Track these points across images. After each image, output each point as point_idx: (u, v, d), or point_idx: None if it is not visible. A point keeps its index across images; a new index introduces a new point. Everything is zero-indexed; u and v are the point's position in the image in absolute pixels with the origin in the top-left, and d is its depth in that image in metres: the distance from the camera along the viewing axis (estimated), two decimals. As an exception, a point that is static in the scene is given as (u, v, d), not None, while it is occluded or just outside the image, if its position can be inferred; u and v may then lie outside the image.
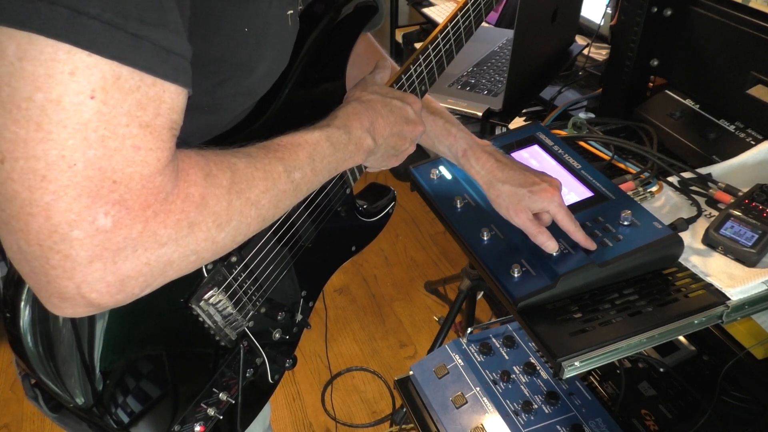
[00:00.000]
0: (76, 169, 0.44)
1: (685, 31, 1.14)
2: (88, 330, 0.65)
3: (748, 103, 1.05)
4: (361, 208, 0.99)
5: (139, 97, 0.46)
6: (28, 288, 0.60)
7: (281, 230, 0.83)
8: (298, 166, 0.65)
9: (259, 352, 0.84)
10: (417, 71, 0.89)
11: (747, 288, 0.80)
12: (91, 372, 0.66)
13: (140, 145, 0.46)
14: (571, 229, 0.84)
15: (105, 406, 0.68)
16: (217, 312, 0.75)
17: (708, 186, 0.96)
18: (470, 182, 0.97)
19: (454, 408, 1.10)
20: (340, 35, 0.83)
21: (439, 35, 0.89)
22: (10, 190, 0.44)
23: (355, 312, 2.35)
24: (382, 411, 2.00)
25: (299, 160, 0.65)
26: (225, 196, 0.55)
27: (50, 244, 0.45)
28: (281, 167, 0.63)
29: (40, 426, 1.98)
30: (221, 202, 0.54)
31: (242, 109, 0.74)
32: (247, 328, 0.81)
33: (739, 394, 1.11)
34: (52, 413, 0.69)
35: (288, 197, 0.64)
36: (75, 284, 0.47)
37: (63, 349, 0.64)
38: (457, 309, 1.82)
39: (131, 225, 0.47)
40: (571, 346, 0.74)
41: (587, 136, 1.11)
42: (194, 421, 0.76)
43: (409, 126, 0.82)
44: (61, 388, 0.65)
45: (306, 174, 0.66)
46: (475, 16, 0.93)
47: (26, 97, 0.43)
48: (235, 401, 0.81)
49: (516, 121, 1.43)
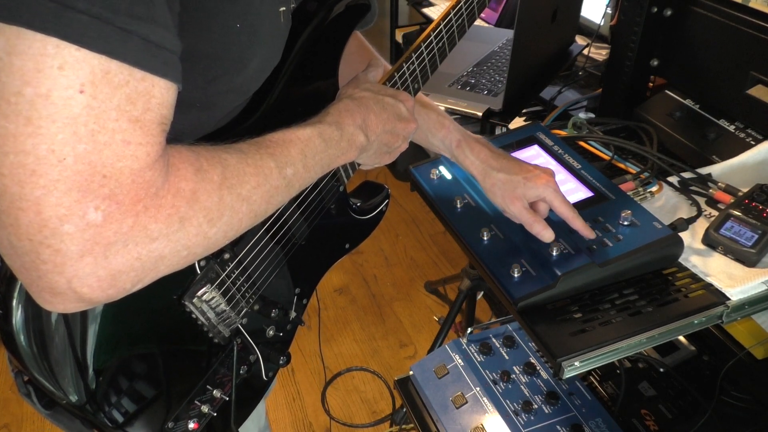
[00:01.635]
0: (65, 163, 0.44)
1: (685, 31, 1.14)
2: (81, 327, 0.65)
3: (748, 103, 1.05)
4: (355, 206, 0.99)
5: (129, 92, 0.46)
6: (20, 284, 0.60)
7: (274, 227, 0.83)
8: (290, 162, 0.65)
9: (252, 350, 0.84)
10: (410, 69, 0.89)
11: (747, 288, 0.80)
12: (84, 369, 0.66)
13: (130, 140, 0.46)
14: (569, 216, 0.84)
15: (98, 403, 0.68)
16: (210, 309, 0.75)
17: (708, 186, 0.96)
18: (470, 182, 0.97)
19: (454, 408, 1.10)
20: (333, 33, 0.84)
21: (431, 33, 0.89)
22: (0, 186, 0.44)
23: (355, 312, 2.35)
24: (382, 411, 2.00)
25: (291, 156, 0.65)
26: (216, 191, 0.55)
27: (40, 238, 0.45)
28: (273, 163, 0.63)
29: (40, 426, 1.98)
30: (212, 197, 0.54)
31: (234, 105, 0.74)
32: (240, 326, 0.81)
33: (739, 394, 1.11)
34: (45, 410, 0.69)
35: (280, 193, 0.64)
36: (66, 279, 0.47)
37: (56, 346, 0.64)
38: (457, 309, 1.82)
39: (122, 219, 0.47)
40: (571, 346, 0.74)
41: (587, 136, 1.11)
42: (188, 419, 0.76)
43: (402, 123, 0.82)
44: (54, 385, 0.65)
45: (298, 170, 0.66)
46: (468, 15, 0.93)
47: (15, 91, 0.43)
48: (228, 398, 0.81)
49: (516, 121, 1.43)
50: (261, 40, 0.68)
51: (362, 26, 0.93)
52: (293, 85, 0.80)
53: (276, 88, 0.77)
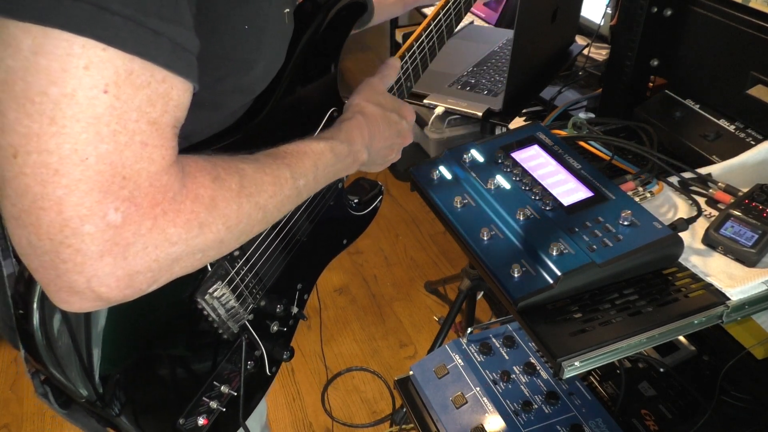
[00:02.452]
0: (88, 163, 0.44)
1: (685, 31, 1.14)
2: (96, 325, 0.66)
3: (748, 103, 1.05)
4: (352, 203, 1.02)
5: (150, 93, 0.47)
6: (39, 285, 0.61)
7: (280, 225, 0.85)
8: (303, 174, 0.67)
9: (258, 345, 0.86)
10: (403, 68, 0.91)
11: (747, 288, 0.80)
12: (100, 367, 0.67)
13: (147, 142, 0.47)
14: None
15: (114, 401, 0.69)
16: (221, 305, 0.77)
17: (708, 186, 0.96)
18: (470, 182, 0.97)
19: (454, 408, 1.10)
20: (331, 34, 0.85)
21: (422, 33, 0.92)
22: (22, 185, 0.44)
23: (355, 312, 2.35)
24: (382, 411, 2.00)
25: (305, 167, 0.68)
26: (235, 199, 0.56)
27: (61, 238, 0.45)
28: (288, 173, 0.65)
29: (41, 426, 1.98)
30: (231, 204, 0.56)
31: (240, 105, 0.75)
32: (247, 321, 0.83)
33: (739, 394, 1.11)
34: (62, 409, 0.70)
35: (291, 202, 0.66)
36: (85, 278, 0.47)
37: (73, 345, 0.65)
38: (457, 309, 1.82)
39: (140, 222, 0.47)
40: (571, 346, 0.74)
41: (587, 136, 1.11)
42: (198, 414, 0.77)
43: (400, 138, 0.87)
44: (72, 383, 0.66)
45: (309, 181, 0.68)
46: (456, 14, 0.96)
47: (40, 91, 0.43)
48: (237, 393, 0.82)
49: (516, 121, 1.43)
50: (267, 42, 0.69)
51: (360, 26, 0.94)
52: (295, 86, 0.81)
53: (280, 88, 0.79)
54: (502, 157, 0.99)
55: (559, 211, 0.88)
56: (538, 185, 0.92)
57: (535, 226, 0.86)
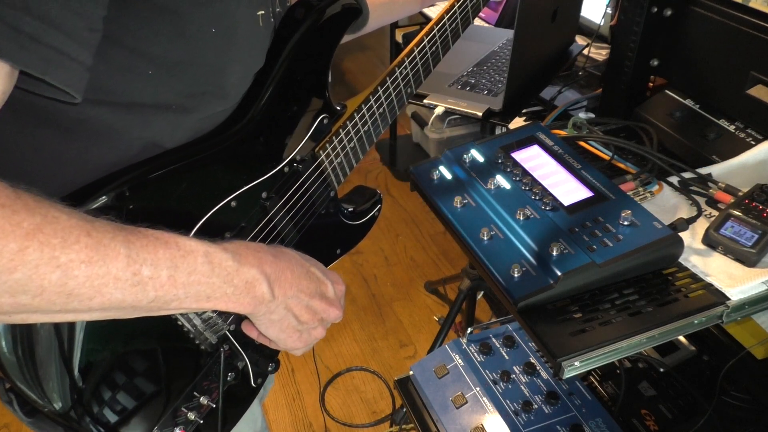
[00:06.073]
0: None
1: (685, 31, 1.14)
2: (67, 334, 0.64)
3: (748, 103, 1.05)
4: (347, 211, 0.99)
5: None
6: None
7: (263, 233, 0.82)
8: (151, 263, 0.55)
9: (241, 356, 0.83)
10: (403, 74, 0.90)
11: (747, 288, 0.80)
12: (69, 377, 0.65)
13: None
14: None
15: (83, 411, 0.67)
16: (196, 315, 0.75)
17: (708, 186, 0.96)
18: (470, 182, 0.97)
19: (454, 408, 1.10)
20: (323, 38, 0.83)
21: (425, 38, 0.90)
22: None
23: (355, 312, 2.35)
24: (382, 411, 2.00)
25: (155, 256, 0.56)
26: (18, 239, 0.47)
27: None
28: (124, 250, 0.53)
29: (40, 426, 1.98)
30: (8, 241, 0.46)
31: (216, 110, 0.73)
32: (228, 332, 0.80)
33: (739, 394, 1.11)
34: (27, 418, 0.68)
35: (122, 290, 0.53)
36: None
37: (41, 353, 0.63)
38: (457, 309, 1.82)
39: None
40: (571, 346, 0.74)
41: (587, 136, 1.11)
42: (174, 425, 0.75)
43: (323, 303, 0.72)
44: (37, 393, 0.64)
45: (160, 278, 0.56)
46: (462, 19, 0.94)
47: None
48: (216, 405, 0.80)
49: (516, 121, 1.43)
50: (238, 45, 0.67)
51: (354, 30, 0.93)
52: (282, 91, 0.79)
53: (264, 93, 0.77)
54: (502, 157, 0.99)
55: (559, 211, 0.88)
56: (538, 185, 0.92)
57: (535, 226, 0.86)
